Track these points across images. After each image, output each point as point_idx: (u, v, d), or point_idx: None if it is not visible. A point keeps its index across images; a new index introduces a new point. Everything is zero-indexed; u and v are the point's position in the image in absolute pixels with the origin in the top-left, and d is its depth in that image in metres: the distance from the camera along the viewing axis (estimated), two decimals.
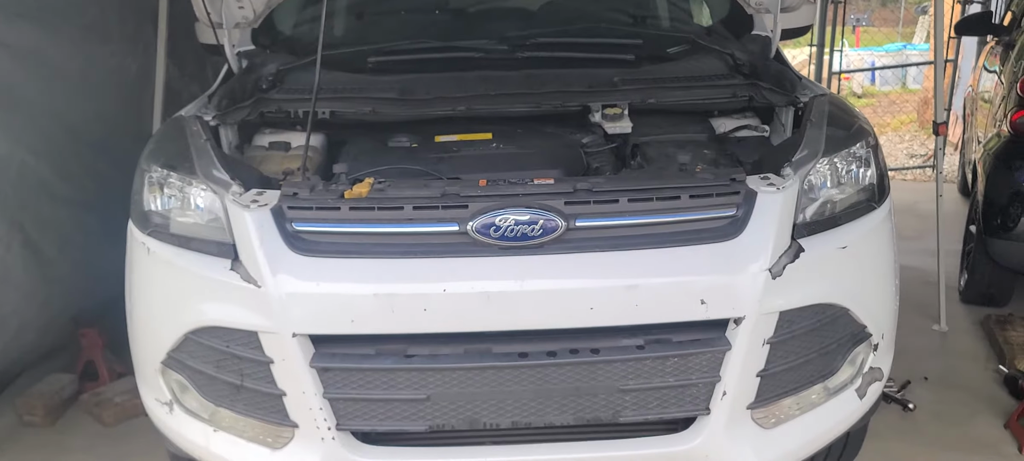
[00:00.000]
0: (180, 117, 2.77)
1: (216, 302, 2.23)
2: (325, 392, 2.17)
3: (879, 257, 2.45)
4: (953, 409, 3.81)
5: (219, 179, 2.33)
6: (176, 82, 4.59)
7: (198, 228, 2.34)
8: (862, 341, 2.40)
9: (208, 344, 2.26)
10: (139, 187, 2.51)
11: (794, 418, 2.35)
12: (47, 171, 3.55)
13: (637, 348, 2.16)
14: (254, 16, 3.23)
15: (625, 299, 2.13)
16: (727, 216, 2.21)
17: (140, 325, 2.48)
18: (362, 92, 2.88)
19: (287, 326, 2.13)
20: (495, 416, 2.20)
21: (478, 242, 2.14)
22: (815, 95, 2.78)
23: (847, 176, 2.42)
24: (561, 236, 2.15)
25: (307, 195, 2.24)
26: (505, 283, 2.12)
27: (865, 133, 2.56)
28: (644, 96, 2.86)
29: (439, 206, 2.18)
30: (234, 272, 2.19)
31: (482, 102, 2.84)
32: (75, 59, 3.75)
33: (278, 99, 2.87)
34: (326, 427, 2.20)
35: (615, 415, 2.20)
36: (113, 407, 3.81)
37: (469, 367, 2.15)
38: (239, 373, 2.24)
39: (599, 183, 2.23)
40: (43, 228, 3.57)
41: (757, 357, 2.20)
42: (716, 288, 2.15)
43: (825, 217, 2.34)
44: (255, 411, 2.27)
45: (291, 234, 2.19)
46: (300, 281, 2.14)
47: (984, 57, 6.19)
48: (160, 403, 2.46)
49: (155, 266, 2.37)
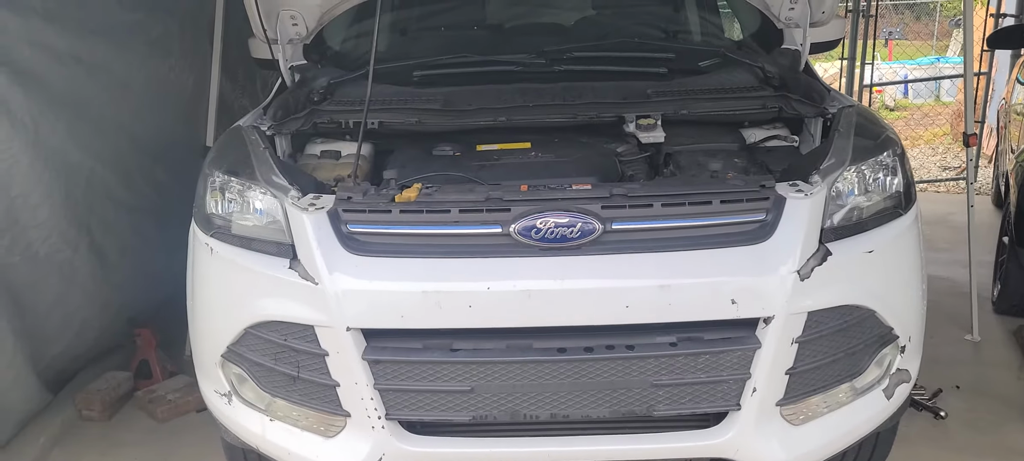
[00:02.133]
0: (239, 127, 2.93)
1: (275, 298, 2.36)
2: (376, 383, 2.30)
3: (905, 261, 2.52)
4: (985, 417, 3.81)
5: (278, 184, 2.48)
6: (228, 95, 4.79)
7: (258, 229, 2.48)
8: (889, 342, 2.47)
9: (267, 337, 2.39)
10: (202, 192, 2.66)
11: (822, 416, 2.42)
12: (112, 178, 3.74)
13: (670, 345, 2.25)
14: (306, 32, 3.38)
15: (659, 298, 2.22)
16: (757, 220, 2.29)
17: (202, 321, 2.63)
18: (408, 104, 3.01)
19: (342, 320, 2.26)
20: (535, 408, 2.30)
21: (520, 243, 2.26)
22: (843, 106, 2.87)
23: (874, 183, 2.50)
24: (598, 238, 2.25)
25: (360, 199, 2.37)
26: (545, 282, 2.23)
27: (891, 143, 2.63)
28: (676, 107, 2.95)
29: (483, 209, 2.30)
30: (293, 270, 2.33)
31: (521, 113, 2.96)
32: (140, 73, 3.95)
33: (330, 110, 3.01)
34: (376, 416, 2.32)
35: (649, 409, 2.29)
36: (166, 404, 3.97)
37: (510, 361, 2.26)
38: (295, 365, 2.37)
39: (634, 188, 2.33)
40: (107, 232, 3.75)
41: (786, 355, 2.28)
42: (746, 289, 2.23)
43: (852, 222, 2.41)
44: (310, 401, 2.40)
45: (346, 235, 2.32)
46: (354, 279, 2.27)
47: (1018, 70, 6.19)
48: (219, 394, 2.60)
49: (217, 265, 2.51)
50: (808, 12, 3.26)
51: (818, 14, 3.27)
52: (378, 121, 2.92)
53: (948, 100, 11.11)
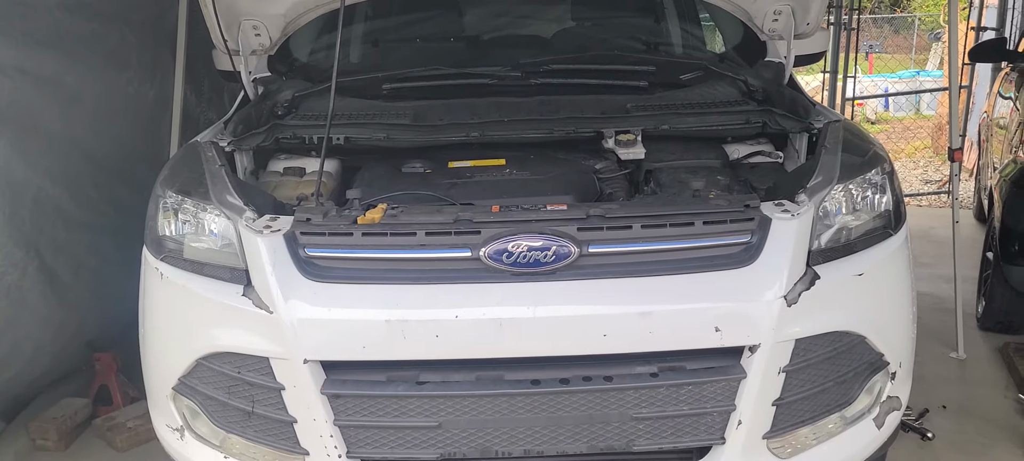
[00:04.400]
0: (196, 143, 2.78)
1: (228, 328, 2.23)
2: (336, 419, 2.16)
3: (896, 284, 2.43)
4: (972, 438, 3.74)
5: (233, 205, 2.34)
6: (193, 108, 4.63)
7: (211, 253, 2.34)
8: (879, 369, 2.37)
9: (220, 370, 2.26)
10: (153, 212, 2.52)
11: (811, 448, 2.31)
12: (64, 196, 3.57)
13: (651, 376, 2.14)
14: (270, 43, 3.25)
15: (639, 326, 2.11)
16: (742, 243, 2.19)
17: (152, 350, 2.48)
18: (376, 118, 2.90)
19: (298, 352, 2.13)
20: (507, 444, 2.17)
21: (491, 268, 2.14)
22: (829, 121, 2.77)
23: (862, 202, 2.40)
24: (574, 262, 2.14)
25: (320, 221, 2.24)
26: (518, 309, 2.11)
27: (880, 159, 2.54)
28: (657, 122, 2.85)
29: (452, 232, 2.17)
30: (246, 298, 2.19)
31: (495, 128, 2.85)
32: (94, 86, 3.78)
33: (293, 125, 2.88)
34: (337, 455, 2.19)
35: (629, 444, 2.17)
36: (126, 432, 3.80)
37: (481, 394, 2.14)
38: (250, 399, 2.23)
39: (612, 209, 2.22)
40: (58, 253, 3.58)
41: (773, 385, 2.17)
42: (731, 315, 2.13)
43: (841, 244, 2.32)
44: (266, 438, 2.26)
45: (303, 260, 2.19)
46: (312, 307, 2.14)
47: (999, 83, 6.17)
48: (171, 429, 2.45)
49: (168, 291, 2.37)
50: (792, 24, 3.17)
51: (803, 26, 3.18)
52: (344, 137, 2.80)
53: (928, 113, 11.15)
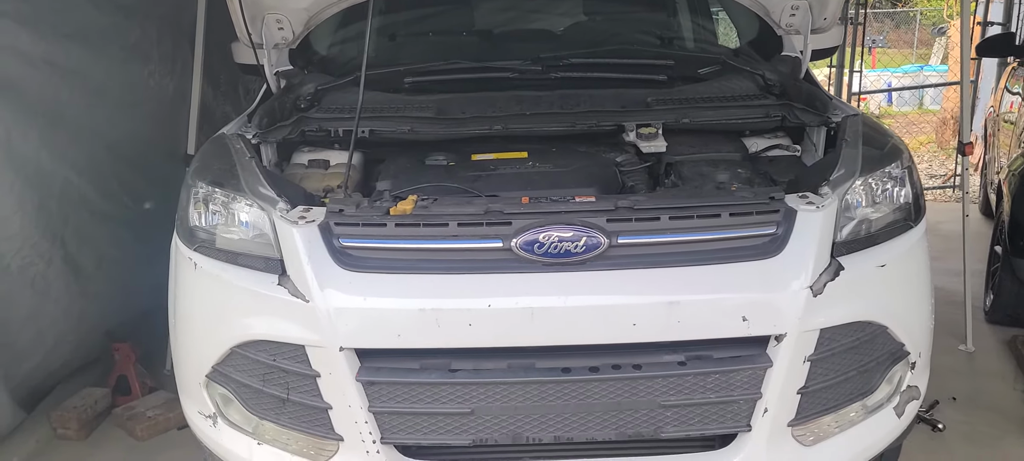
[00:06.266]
0: (223, 136, 2.81)
1: (263, 316, 2.25)
2: (370, 406, 2.19)
3: (916, 275, 2.46)
4: (982, 430, 3.78)
5: (266, 196, 2.37)
6: (209, 101, 4.66)
7: (244, 243, 2.37)
8: (900, 359, 2.40)
9: (254, 358, 2.28)
10: (185, 203, 2.54)
11: (833, 436, 2.34)
12: (88, 187, 3.61)
13: (678, 364, 2.17)
14: (293, 37, 3.28)
15: (668, 315, 2.14)
16: (767, 234, 2.22)
17: (185, 339, 2.51)
18: (400, 111, 2.92)
19: (334, 340, 2.16)
20: (538, 431, 2.21)
21: (522, 258, 2.16)
22: (847, 115, 2.80)
23: (884, 195, 2.43)
24: (604, 253, 2.16)
25: (353, 212, 2.26)
26: (549, 299, 2.14)
27: (900, 153, 2.57)
28: (678, 116, 2.88)
29: (483, 223, 2.20)
30: (281, 287, 2.22)
31: (517, 121, 2.87)
32: (117, 79, 3.81)
33: (318, 118, 2.91)
34: (371, 441, 2.21)
35: (656, 431, 2.20)
36: (146, 421, 3.84)
37: (512, 382, 2.17)
38: (285, 386, 2.26)
39: (640, 201, 2.24)
40: (82, 243, 3.62)
41: (798, 374, 2.20)
42: (758, 305, 2.16)
43: (863, 236, 2.35)
44: (300, 424, 2.29)
45: (338, 250, 2.22)
46: (347, 296, 2.17)
47: (1006, 79, 6.20)
48: (203, 416, 2.48)
49: (202, 281, 2.39)
50: (809, 18, 3.20)
51: (820, 20, 3.21)
52: (369, 129, 2.82)
53: (931, 108, 11.17)
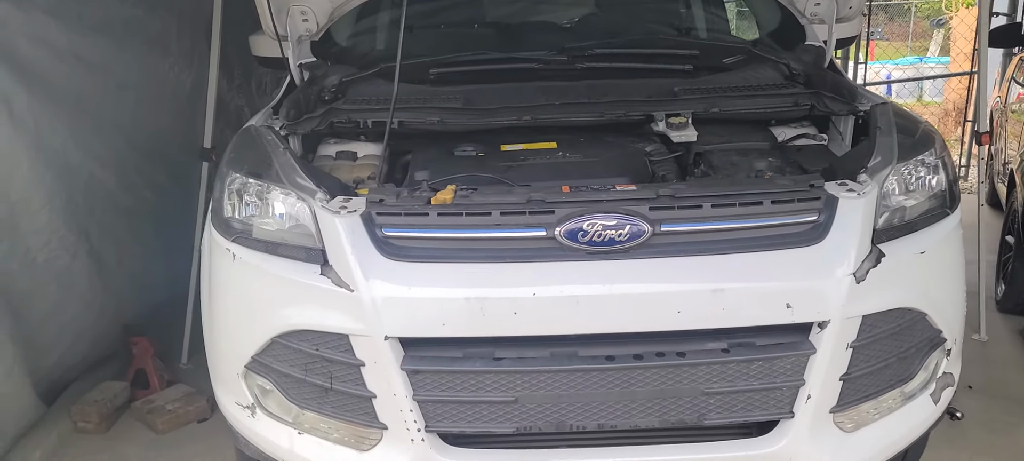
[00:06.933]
0: (253, 127, 2.80)
1: (306, 306, 2.25)
2: (415, 394, 2.19)
3: (952, 263, 2.48)
4: (1000, 418, 3.81)
5: (304, 186, 2.36)
6: (224, 94, 4.65)
7: (282, 234, 2.36)
8: (937, 346, 2.42)
9: (297, 347, 2.28)
10: (220, 194, 2.53)
11: (872, 422, 2.36)
12: (111, 181, 3.60)
13: (722, 351, 2.18)
14: (317, 29, 3.28)
15: (712, 303, 2.14)
16: (810, 221, 2.22)
17: (222, 329, 2.50)
18: (428, 103, 2.92)
19: (380, 329, 2.15)
20: (581, 418, 2.21)
21: (565, 247, 2.16)
22: (876, 103, 2.81)
23: (921, 182, 2.44)
24: (647, 241, 2.16)
25: (394, 201, 2.26)
26: (594, 287, 2.14)
27: (933, 140, 2.57)
28: (707, 105, 2.89)
29: (526, 212, 2.19)
30: (325, 277, 2.21)
31: (546, 111, 2.88)
32: (138, 72, 3.80)
33: (347, 109, 2.90)
34: (416, 429, 2.21)
35: (700, 418, 2.21)
36: (166, 415, 3.83)
37: (557, 370, 2.17)
38: (328, 376, 2.26)
39: (681, 189, 2.24)
40: (105, 237, 3.61)
41: (840, 361, 2.21)
42: (802, 292, 2.16)
43: (902, 223, 2.36)
44: (343, 413, 2.29)
45: (381, 239, 2.21)
46: (392, 285, 2.16)
47: (1012, 69, 6.23)
48: (241, 407, 2.48)
49: (241, 271, 2.38)
50: (835, 7, 3.21)
51: (844, 9, 3.22)
52: (398, 120, 2.82)
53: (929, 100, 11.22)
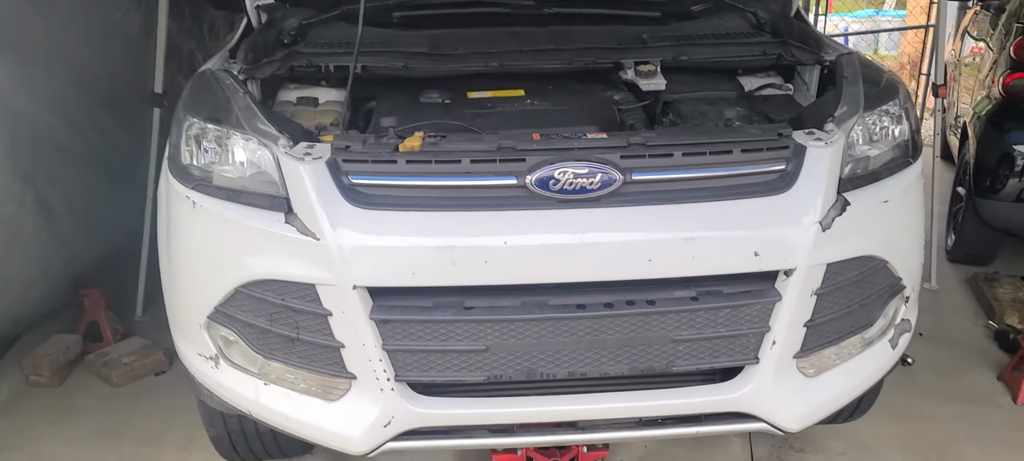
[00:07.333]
0: (210, 71, 2.70)
1: (270, 255, 2.18)
2: (384, 344, 2.16)
3: (914, 212, 2.52)
4: (949, 363, 3.94)
5: (266, 132, 2.28)
6: (174, 37, 4.48)
7: (244, 181, 2.28)
8: (897, 293, 2.47)
9: (261, 297, 2.22)
10: (177, 141, 2.44)
11: (834, 368, 2.41)
12: (58, 126, 3.44)
13: (691, 299, 2.19)
14: None
15: (683, 251, 2.14)
16: (778, 170, 2.23)
17: (182, 280, 2.43)
18: (392, 47, 2.84)
19: (347, 278, 2.11)
20: (552, 367, 2.21)
21: (537, 195, 2.13)
22: (842, 53, 2.82)
23: (885, 132, 2.46)
24: (619, 189, 2.14)
25: (361, 148, 2.19)
26: (565, 236, 2.12)
27: (897, 90, 2.59)
28: (676, 53, 2.87)
29: (497, 159, 2.15)
30: (289, 225, 2.16)
31: (514, 58, 2.82)
32: (83, 10, 3.62)
33: (308, 53, 2.81)
34: (385, 378, 2.19)
35: (668, 365, 2.23)
36: (122, 367, 3.77)
37: (527, 319, 2.16)
38: (294, 326, 2.21)
39: (653, 137, 2.22)
40: (53, 185, 3.47)
41: (805, 308, 2.24)
42: (770, 240, 2.17)
43: (867, 172, 2.38)
44: (310, 363, 2.25)
45: (348, 187, 2.15)
46: (360, 234, 2.11)
47: (966, 23, 6.32)
48: (204, 358, 2.42)
49: (201, 220, 2.30)
50: None
51: None
52: (362, 66, 2.74)
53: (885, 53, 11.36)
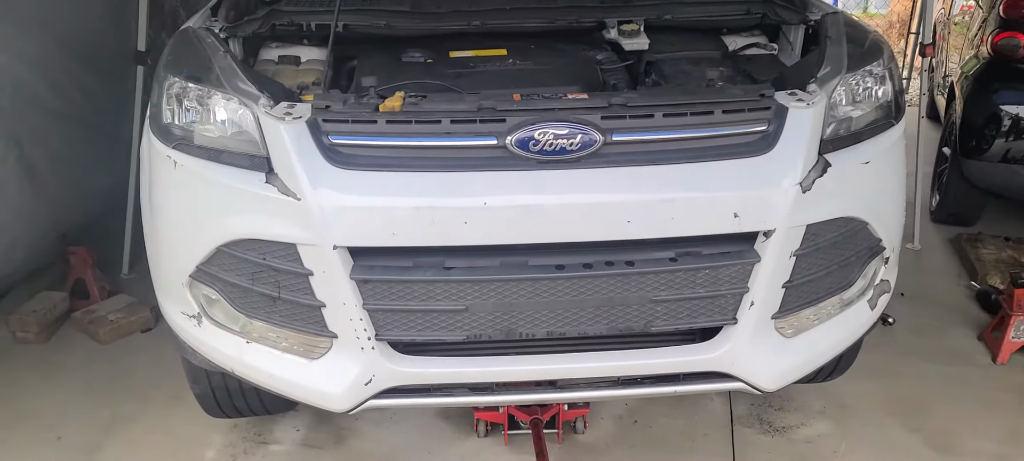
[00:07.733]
0: (191, 29, 2.68)
1: (251, 215, 2.19)
2: (364, 303, 2.18)
3: (895, 173, 2.52)
4: (929, 323, 3.99)
5: (246, 91, 2.27)
6: None
7: (225, 140, 2.28)
8: (876, 254, 2.48)
9: (243, 256, 2.23)
10: (158, 100, 2.42)
11: (812, 328, 2.43)
12: (41, 84, 3.41)
13: (670, 260, 2.20)
14: None
15: (662, 212, 2.15)
16: (759, 131, 2.22)
17: (165, 239, 2.43)
18: (374, 5, 2.82)
19: (328, 238, 2.11)
20: (531, 326, 2.23)
21: (516, 156, 2.13)
22: (826, 13, 2.81)
23: (868, 93, 2.45)
24: (598, 150, 2.14)
25: (341, 108, 2.19)
26: (545, 197, 2.12)
27: (882, 50, 2.57)
28: (660, 12, 2.85)
29: (477, 120, 2.15)
30: (270, 185, 2.16)
31: (497, 17, 2.81)
32: None
33: (289, 11, 2.79)
34: (366, 337, 2.21)
35: (647, 325, 2.25)
36: (108, 325, 3.79)
37: (507, 279, 2.17)
38: (276, 285, 2.22)
39: (633, 98, 2.22)
40: (37, 143, 3.45)
41: (784, 269, 2.25)
42: (749, 202, 2.17)
43: (849, 133, 2.38)
44: (292, 322, 2.27)
45: (328, 147, 2.15)
46: (341, 194, 2.11)
47: None
48: (187, 316, 2.43)
49: (183, 179, 2.30)
50: None
51: None
52: (343, 24, 2.72)
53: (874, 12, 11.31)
